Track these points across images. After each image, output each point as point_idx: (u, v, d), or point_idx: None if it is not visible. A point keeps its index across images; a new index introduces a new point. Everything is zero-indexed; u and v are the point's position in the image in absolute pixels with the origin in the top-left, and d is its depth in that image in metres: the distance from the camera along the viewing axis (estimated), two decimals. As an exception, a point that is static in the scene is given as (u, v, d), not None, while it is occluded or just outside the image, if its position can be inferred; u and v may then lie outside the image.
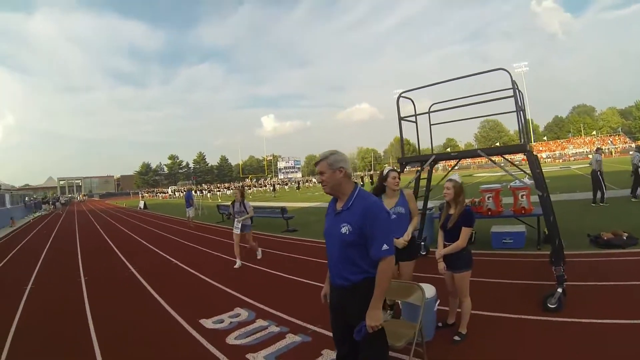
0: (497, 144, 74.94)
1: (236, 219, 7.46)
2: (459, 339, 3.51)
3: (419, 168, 5.83)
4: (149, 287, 6.62)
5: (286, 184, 60.03)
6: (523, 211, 6.75)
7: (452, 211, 3.57)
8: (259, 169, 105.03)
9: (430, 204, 8.61)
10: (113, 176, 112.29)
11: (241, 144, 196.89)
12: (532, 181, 4.66)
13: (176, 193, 53.51)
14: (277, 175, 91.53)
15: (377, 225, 2.10)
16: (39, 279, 8.03)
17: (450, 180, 3.63)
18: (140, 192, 69.21)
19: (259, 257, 7.92)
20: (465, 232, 3.45)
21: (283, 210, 12.10)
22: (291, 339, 4.01)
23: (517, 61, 74.92)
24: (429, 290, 3.66)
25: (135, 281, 7.22)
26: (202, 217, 18.99)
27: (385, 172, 4.02)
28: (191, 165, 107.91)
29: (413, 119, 5.91)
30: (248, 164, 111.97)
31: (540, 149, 74.67)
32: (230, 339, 4.18)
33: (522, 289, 4.78)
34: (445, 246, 3.60)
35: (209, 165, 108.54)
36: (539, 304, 4.09)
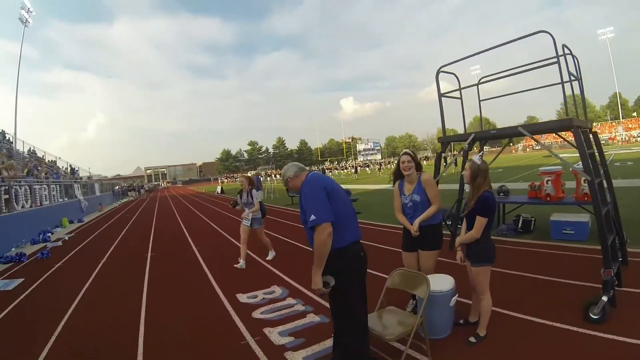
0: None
1: (245, 211, 6.93)
2: (474, 340, 3.30)
3: (479, 149, 5.59)
4: (202, 263, 7.43)
5: (368, 166, 61.75)
6: (586, 198, 5.90)
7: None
8: (338, 151, 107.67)
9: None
10: (195, 163, 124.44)
11: (320, 128, 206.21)
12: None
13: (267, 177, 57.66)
14: (357, 158, 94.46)
15: (305, 199, 2.60)
16: (113, 253, 9.51)
17: (469, 160, 3.44)
18: (219, 178, 75.81)
19: (269, 257, 7.10)
20: (479, 222, 3.22)
21: (347, 192, 12.46)
22: (310, 318, 4.22)
23: (602, 27, 66.69)
24: (444, 282, 3.52)
25: (193, 257, 8.18)
26: (273, 200, 20.27)
27: (401, 154, 3.95)
28: (271, 150, 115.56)
29: (457, 94, 5.59)
30: (328, 147, 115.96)
31: (630, 126, 63.66)
32: (257, 314, 4.56)
33: (570, 290, 4.28)
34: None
35: (289, 149, 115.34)
36: (583, 312, 3.62)
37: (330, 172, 50.53)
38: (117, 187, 46.15)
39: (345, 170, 55.24)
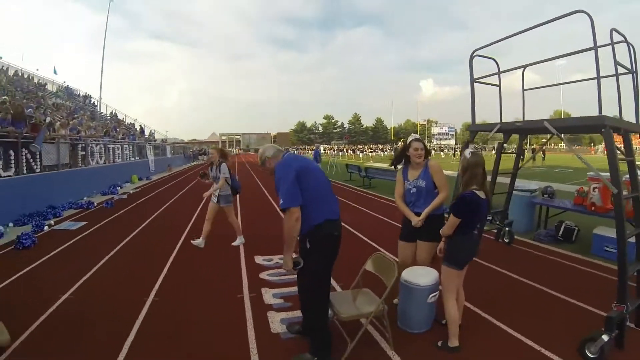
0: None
1: (213, 186, 6.67)
2: (440, 345, 3.32)
3: (525, 143, 5.46)
4: (241, 224, 8.31)
5: (442, 150, 60.04)
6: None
7: None
8: (413, 133, 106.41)
9: (534, 185, 7.72)
10: (270, 133, 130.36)
11: (397, 108, 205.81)
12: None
13: (327, 152, 58.86)
14: (431, 141, 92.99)
15: (277, 183, 2.89)
16: (168, 207, 11.04)
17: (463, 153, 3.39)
18: (288, 149, 79.44)
19: (236, 242, 6.77)
20: (449, 220, 3.22)
21: (359, 168, 13.27)
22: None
23: None
24: (426, 276, 3.56)
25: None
26: (334, 175, 21.18)
27: (409, 140, 3.98)
28: (346, 125, 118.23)
29: (493, 80, 5.36)
30: (403, 127, 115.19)
31: None
32: (263, 274, 5.29)
33: (586, 317, 3.96)
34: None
35: (364, 126, 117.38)
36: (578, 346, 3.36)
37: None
38: (190, 151, 50.33)
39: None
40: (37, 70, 28.24)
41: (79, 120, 18.94)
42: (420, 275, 3.58)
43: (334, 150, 43.58)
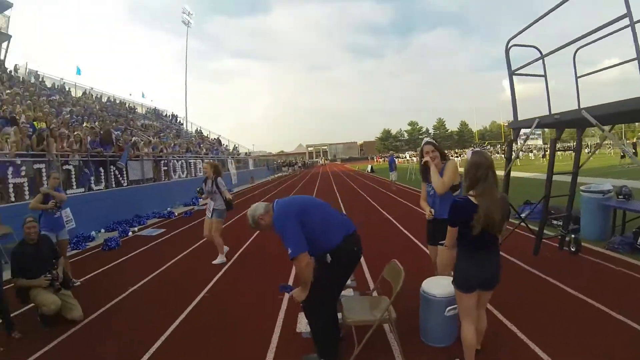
0: None
1: (208, 201, 6.89)
2: None
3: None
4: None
5: (531, 151, 56.25)
6: None
7: None
8: (499, 135, 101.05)
9: (608, 185, 6.83)
10: (356, 142, 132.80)
11: (481, 109, 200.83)
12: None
13: (412, 158, 58.30)
14: (516, 142, 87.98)
15: (280, 236, 3.05)
16: (245, 215, 11.99)
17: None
18: (374, 157, 79.74)
19: (216, 261, 6.65)
20: (448, 230, 2.97)
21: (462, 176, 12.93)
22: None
23: None
24: (446, 286, 3.38)
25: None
26: (414, 182, 21.11)
27: (422, 144, 4.12)
28: (431, 131, 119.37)
29: (537, 71, 5.13)
30: (488, 129, 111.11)
31: None
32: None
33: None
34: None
35: (449, 130, 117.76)
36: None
37: (491, 154, 47.13)
38: (273, 163, 53.28)
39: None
40: (130, 95, 32.57)
41: (164, 138, 21.51)
42: (440, 286, 3.49)
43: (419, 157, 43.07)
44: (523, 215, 8.00)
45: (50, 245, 4.80)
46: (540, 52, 5.05)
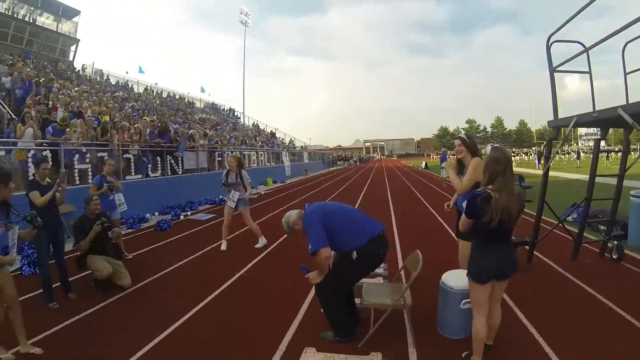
0: None
1: (231, 192, 7.15)
2: (463, 356, 3.20)
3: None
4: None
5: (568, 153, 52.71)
6: None
7: None
8: (558, 134, 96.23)
9: None
10: (413, 138, 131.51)
11: (541, 107, 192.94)
12: None
13: None
14: (577, 143, 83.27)
15: (306, 232, 3.43)
16: (292, 206, 12.48)
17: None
18: (430, 154, 78.71)
19: (258, 245, 7.11)
20: (461, 220, 3.09)
21: (521, 177, 12.37)
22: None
23: None
24: (456, 278, 3.52)
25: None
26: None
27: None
28: (489, 129, 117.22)
29: (581, 67, 4.85)
30: (548, 129, 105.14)
31: None
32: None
33: None
34: None
35: (507, 129, 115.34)
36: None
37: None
38: (328, 157, 53.88)
39: (567, 156, 47.61)
40: (188, 93, 34.53)
41: (220, 131, 22.59)
42: (458, 279, 3.52)
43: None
44: (570, 218, 7.88)
45: (106, 218, 5.41)
46: (584, 46, 4.78)
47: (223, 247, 6.98)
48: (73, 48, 30.33)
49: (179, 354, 3.37)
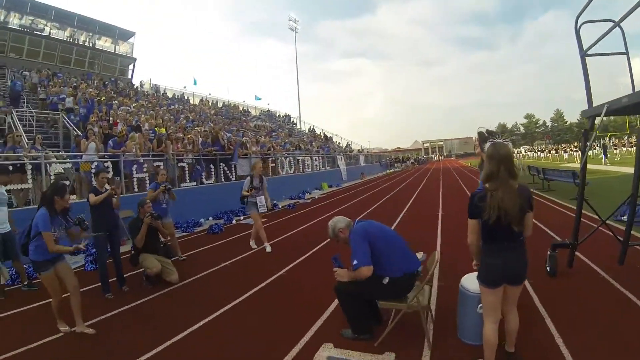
0: None
1: (257, 197, 7.55)
2: None
3: None
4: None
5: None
6: None
7: None
8: (623, 125, 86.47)
9: None
10: (472, 137, 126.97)
11: (604, 96, 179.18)
12: None
13: (528, 153, 54.15)
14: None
15: (352, 247, 3.59)
16: (344, 209, 12.76)
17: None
18: None
19: (268, 249, 7.40)
20: (468, 225, 3.05)
21: (574, 174, 11.71)
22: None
23: None
24: (475, 281, 3.27)
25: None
26: (522, 179, 20.00)
27: None
28: (549, 123, 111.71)
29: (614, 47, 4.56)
30: (613, 120, 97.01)
31: None
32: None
33: None
34: None
35: (567, 122, 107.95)
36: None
37: (616, 148, 39.69)
38: (385, 159, 53.60)
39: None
40: (244, 101, 36.26)
41: (275, 138, 23.41)
42: (474, 281, 3.41)
43: (533, 152, 39.06)
44: (624, 217, 6.95)
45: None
46: (613, 21, 4.36)
47: (268, 249, 7.38)
48: (131, 67, 33.66)
49: (212, 340, 3.80)
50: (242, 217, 11.58)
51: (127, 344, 3.79)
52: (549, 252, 5.07)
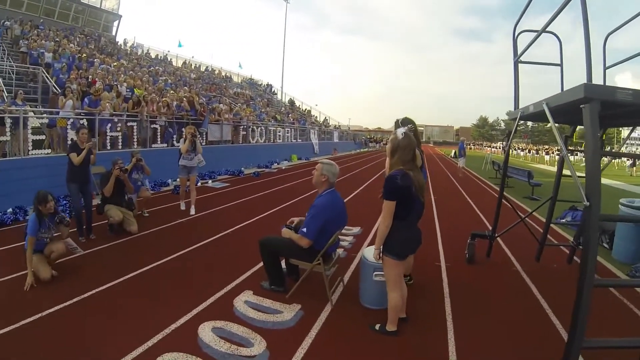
0: None
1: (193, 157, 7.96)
2: (376, 328, 3.58)
3: None
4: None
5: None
6: None
7: None
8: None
9: None
10: (452, 127, 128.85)
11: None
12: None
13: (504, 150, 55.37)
14: (620, 147, 73.43)
15: (310, 212, 4.01)
16: (304, 181, 13.56)
17: (393, 133, 3.52)
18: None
19: (184, 208, 8.19)
20: (384, 206, 3.27)
21: (530, 174, 12.59)
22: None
23: None
24: (372, 252, 3.72)
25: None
26: (486, 172, 21.46)
27: None
28: (529, 123, 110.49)
29: (554, 59, 5.04)
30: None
31: None
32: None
33: None
34: None
35: (548, 125, 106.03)
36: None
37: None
38: (361, 138, 54.34)
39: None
40: (221, 68, 36.01)
41: (253, 106, 23.83)
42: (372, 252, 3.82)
43: (513, 149, 40.18)
44: (563, 220, 7.73)
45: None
46: (559, 40, 4.85)
47: (192, 211, 7.96)
48: (115, 24, 32.96)
49: (153, 283, 4.61)
50: (209, 181, 12.30)
51: (84, 281, 4.45)
52: (468, 241, 5.67)
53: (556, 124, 3.59)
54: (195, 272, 4.87)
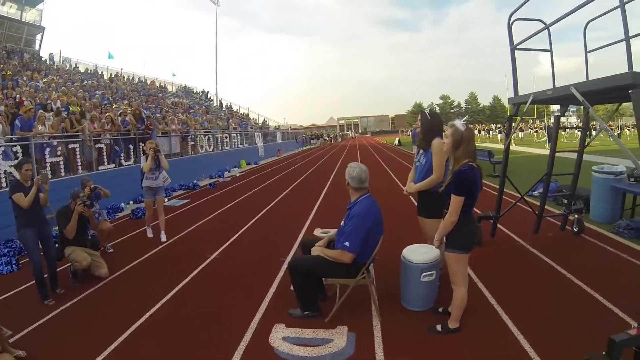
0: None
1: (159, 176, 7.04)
2: (439, 329, 3.36)
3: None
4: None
5: (564, 130, 52.28)
6: None
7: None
8: (531, 110, 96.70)
9: (622, 167, 6.60)
10: (388, 115, 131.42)
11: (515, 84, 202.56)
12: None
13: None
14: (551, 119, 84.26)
15: (351, 224, 3.52)
16: (262, 189, 12.78)
17: (451, 125, 3.19)
18: (404, 131, 79.63)
19: (151, 235, 7.19)
20: (453, 202, 3.08)
21: (490, 153, 12.81)
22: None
23: None
24: (424, 254, 3.71)
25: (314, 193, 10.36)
26: None
27: None
28: (463, 105, 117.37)
29: (541, 45, 5.06)
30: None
31: None
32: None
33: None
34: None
35: (481, 105, 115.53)
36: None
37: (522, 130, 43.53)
38: (302, 136, 53.99)
39: (536, 132, 46.39)
40: (157, 78, 33.33)
41: (193, 115, 22.35)
42: (420, 253, 3.78)
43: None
44: (536, 192, 8.07)
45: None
46: (544, 24, 4.87)
47: (163, 238, 6.85)
48: (39, 37, 29.47)
49: (155, 339, 3.61)
50: (166, 199, 11.09)
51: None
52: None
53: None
54: (200, 318, 3.93)
